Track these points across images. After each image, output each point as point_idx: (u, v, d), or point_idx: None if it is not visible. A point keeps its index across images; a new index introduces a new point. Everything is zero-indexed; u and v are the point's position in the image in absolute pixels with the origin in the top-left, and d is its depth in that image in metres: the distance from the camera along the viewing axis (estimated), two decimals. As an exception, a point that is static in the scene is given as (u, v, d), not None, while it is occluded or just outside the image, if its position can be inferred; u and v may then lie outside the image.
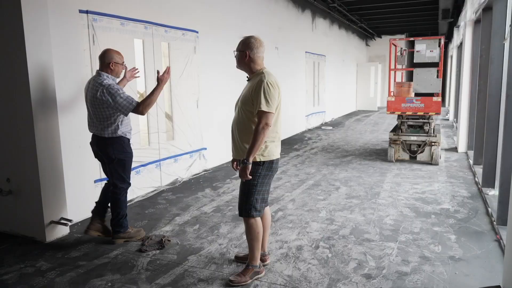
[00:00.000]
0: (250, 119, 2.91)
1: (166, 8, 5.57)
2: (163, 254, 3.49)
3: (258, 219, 3.03)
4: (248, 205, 2.97)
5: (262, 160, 2.92)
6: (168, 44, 5.62)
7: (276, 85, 2.93)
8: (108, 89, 3.42)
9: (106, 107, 3.47)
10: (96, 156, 3.81)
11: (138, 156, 5.08)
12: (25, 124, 3.66)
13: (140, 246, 3.64)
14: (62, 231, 3.94)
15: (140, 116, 4.88)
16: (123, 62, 3.68)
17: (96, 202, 3.90)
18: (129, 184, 3.81)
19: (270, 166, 2.98)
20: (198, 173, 6.35)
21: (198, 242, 3.74)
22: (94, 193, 4.49)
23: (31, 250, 3.61)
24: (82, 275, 3.15)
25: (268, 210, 3.27)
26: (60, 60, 4.00)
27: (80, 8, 4.23)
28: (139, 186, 5.15)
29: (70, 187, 4.16)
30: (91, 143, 3.75)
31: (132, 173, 4.95)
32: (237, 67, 3.11)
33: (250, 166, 2.84)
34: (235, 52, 3.06)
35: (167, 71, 3.67)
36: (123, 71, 3.80)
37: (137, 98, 5.07)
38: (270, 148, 2.95)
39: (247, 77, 3.10)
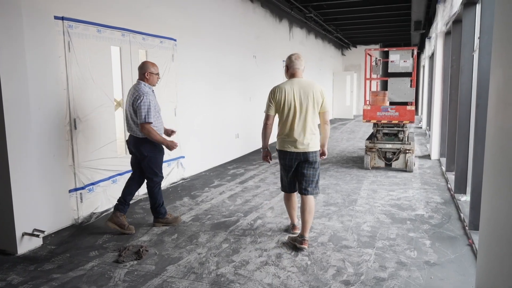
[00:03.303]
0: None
1: (143, 15, 5.54)
2: (141, 265, 3.43)
3: (285, 194, 4.05)
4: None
5: (276, 148, 3.86)
6: (146, 52, 5.58)
7: (275, 91, 3.70)
8: (143, 98, 3.93)
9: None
10: (130, 153, 4.31)
11: (115, 165, 5.00)
12: (-4, 132, 3.54)
13: (117, 257, 3.56)
14: (35, 243, 3.81)
15: (117, 124, 4.93)
16: (158, 73, 4.16)
17: (118, 199, 4.24)
18: (162, 177, 4.30)
19: (278, 155, 3.86)
20: (176, 182, 6.28)
21: (176, 252, 3.69)
22: (68, 203, 4.38)
23: (1, 263, 3.47)
24: (56, 288, 3.05)
25: (305, 198, 3.77)
26: (34, 67, 3.90)
27: (55, 14, 4.15)
28: (116, 196, 5.02)
29: (44, 197, 4.04)
30: (127, 141, 4.31)
31: (108, 182, 4.90)
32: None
33: (262, 150, 3.95)
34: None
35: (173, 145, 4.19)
36: (158, 80, 4.26)
37: (114, 106, 5.03)
38: (278, 141, 3.81)
39: None
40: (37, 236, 3.76)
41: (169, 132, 4.48)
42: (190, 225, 4.41)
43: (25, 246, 3.72)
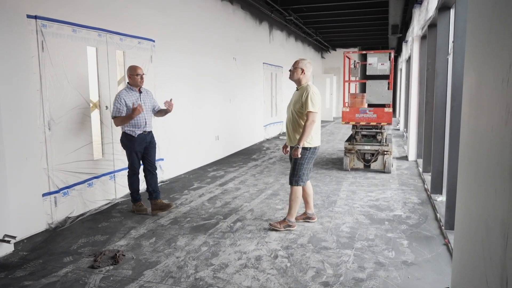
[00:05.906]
0: (300, 117, 4.10)
1: (121, 15, 5.44)
2: (117, 270, 3.35)
3: (300, 187, 4.22)
4: (297, 177, 4.17)
5: (308, 146, 4.11)
6: (123, 53, 5.48)
7: (317, 93, 4.08)
8: (115, 96, 4.52)
9: None
10: None
11: (91, 168, 4.89)
12: (-36, 134, 3.41)
13: (92, 262, 3.47)
14: (6, 249, 3.68)
15: (94, 126, 4.86)
16: (138, 73, 4.54)
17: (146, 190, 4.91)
18: (132, 172, 4.74)
19: (313, 150, 4.18)
20: (155, 185, 6.18)
21: (154, 256, 3.63)
22: (42, 207, 4.25)
23: (-31, 271, 3.33)
24: (27, 295, 2.95)
25: (309, 183, 4.48)
26: (4, 67, 3.77)
27: (28, 13, 4.03)
28: (92, 199, 4.93)
29: (16, 202, 3.90)
30: None
31: (84, 186, 4.79)
32: (289, 78, 4.28)
33: (300, 149, 4.06)
34: (292, 68, 4.20)
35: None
36: (141, 80, 4.62)
37: (90, 108, 4.93)
38: (313, 138, 4.13)
39: (296, 88, 4.25)
40: (8, 242, 3.63)
41: (167, 108, 4.85)
42: (168, 228, 4.34)
43: (-5, 252, 3.58)
